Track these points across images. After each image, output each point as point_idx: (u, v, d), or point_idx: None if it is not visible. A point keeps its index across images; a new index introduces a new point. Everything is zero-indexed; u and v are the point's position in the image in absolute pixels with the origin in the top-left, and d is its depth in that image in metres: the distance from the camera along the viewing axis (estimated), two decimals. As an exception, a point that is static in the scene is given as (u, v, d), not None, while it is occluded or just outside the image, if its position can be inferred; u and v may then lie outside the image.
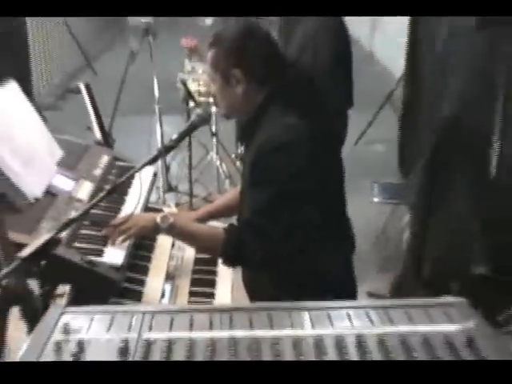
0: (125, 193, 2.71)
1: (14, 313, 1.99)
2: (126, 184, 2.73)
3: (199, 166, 5.83)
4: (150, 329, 1.41)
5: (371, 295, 4.05)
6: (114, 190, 2.14)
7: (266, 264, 2.29)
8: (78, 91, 9.95)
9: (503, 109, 3.46)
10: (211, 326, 1.42)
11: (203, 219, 2.69)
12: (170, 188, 5.70)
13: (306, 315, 1.47)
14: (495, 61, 3.67)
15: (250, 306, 1.53)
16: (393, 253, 4.64)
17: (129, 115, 5.95)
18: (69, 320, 1.44)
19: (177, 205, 5.57)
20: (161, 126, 5.45)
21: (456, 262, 3.88)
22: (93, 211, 2.45)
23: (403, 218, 4.58)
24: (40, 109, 4.88)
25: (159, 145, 5.60)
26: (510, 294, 3.79)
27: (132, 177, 2.85)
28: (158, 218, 2.23)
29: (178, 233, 2.30)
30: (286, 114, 2.22)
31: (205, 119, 2.42)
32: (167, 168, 5.63)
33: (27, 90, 6.06)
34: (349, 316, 1.48)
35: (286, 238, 2.20)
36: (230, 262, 2.33)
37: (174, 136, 2.35)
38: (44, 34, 9.34)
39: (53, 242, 1.85)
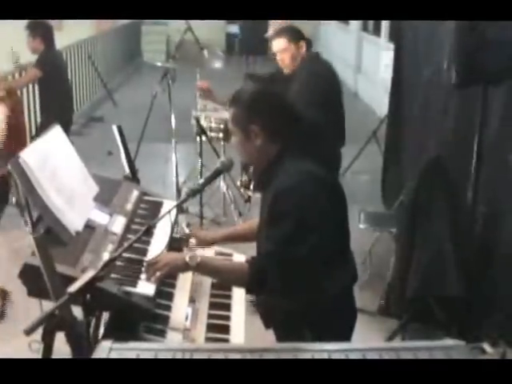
0: (153, 226, 2.67)
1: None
2: (154, 218, 2.71)
3: (208, 191, 5.82)
4: (190, 367, 1.39)
5: (360, 311, 4.01)
6: (150, 229, 2.12)
7: (284, 289, 2.28)
8: (100, 119, 9.93)
9: (478, 148, 3.47)
10: (244, 365, 1.40)
11: (220, 241, 2.73)
12: (181, 210, 5.66)
13: (325, 356, 1.45)
14: (471, 114, 3.69)
15: (278, 346, 1.49)
16: (378, 273, 4.64)
17: (147, 142, 5.94)
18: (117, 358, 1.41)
19: (188, 225, 5.54)
20: (176, 156, 5.46)
21: (435, 283, 3.88)
22: (125, 243, 2.43)
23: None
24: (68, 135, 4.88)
25: (174, 172, 5.60)
26: (480, 312, 3.79)
27: (159, 211, 2.84)
28: (187, 257, 2.21)
29: (206, 270, 2.29)
30: (297, 161, 2.28)
31: (227, 166, 2.42)
32: (179, 192, 5.60)
33: (69, 117, 6.06)
34: (364, 357, 1.46)
35: (302, 266, 2.21)
36: (255, 289, 2.33)
37: (201, 181, 2.37)
38: (72, 67, 9.32)
39: (97, 278, 1.83)
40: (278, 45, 4.14)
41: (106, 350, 1.45)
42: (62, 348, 2.08)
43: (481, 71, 3.27)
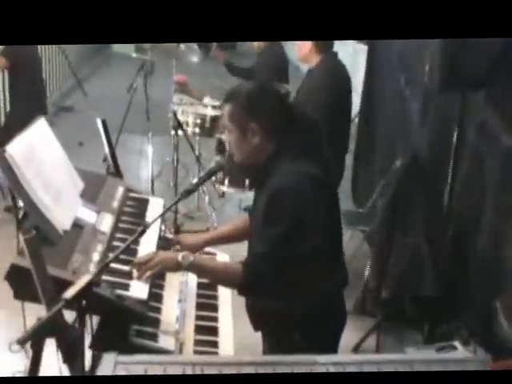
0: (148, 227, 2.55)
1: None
2: (141, 217, 2.61)
3: (181, 186, 5.68)
4: (203, 382, 1.29)
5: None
6: (145, 230, 2.01)
7: (277, 291, 2.19)
8: (70, 109, 9.62)
9: (455, 152, 3.44)
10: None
11: (208, 246, 2.61)
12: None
13: (331, 368, 1.37)
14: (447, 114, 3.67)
15: (291, 359, 1.40)
16: (352, 271, 4.57)
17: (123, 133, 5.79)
18: (125, 373, 1.30)
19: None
20: (151, 150, 5.34)
21: (412, 283, 3.86)
22: (115, 243, 2.32)
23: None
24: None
25: (149, 165, 5.46)
26: (453, 312, 3.77)
27: (146, 209, 2.73)
28: (180, 256, 2.10)
29: (198, 270, 2.19)
30: (293, 161, 2.17)
31: (221, 166, 2.33)
32: (152, 185, 5.48)
33: (42, 107, 5.81)
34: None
35: (297, 268, 2.12)
36: (248, 290, 2.22)
37: (195, 181, 2.26)
38: (41, 55, 9.01)
39: (94, 283, 1.72)
40: None
41: (111, 363, 1.34)
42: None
43: (463, 75, 3.24)
